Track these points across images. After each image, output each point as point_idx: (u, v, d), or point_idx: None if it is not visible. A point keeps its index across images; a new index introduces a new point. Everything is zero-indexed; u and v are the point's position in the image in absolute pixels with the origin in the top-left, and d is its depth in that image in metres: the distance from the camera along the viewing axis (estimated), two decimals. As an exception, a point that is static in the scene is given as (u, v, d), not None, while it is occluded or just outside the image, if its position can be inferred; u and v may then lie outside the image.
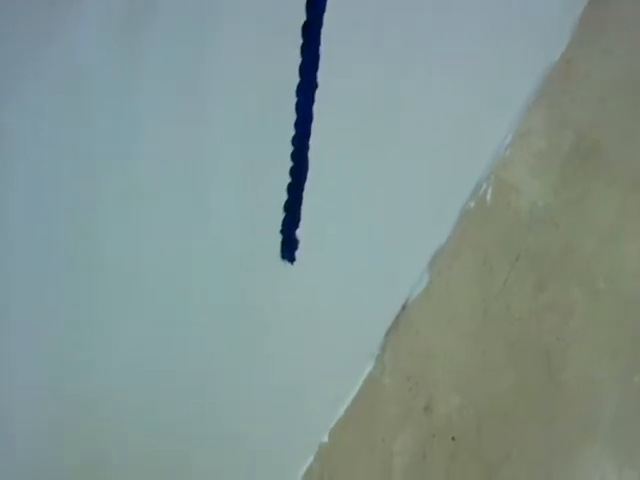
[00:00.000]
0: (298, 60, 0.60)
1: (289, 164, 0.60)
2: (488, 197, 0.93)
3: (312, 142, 0.61)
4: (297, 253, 0.59)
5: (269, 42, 0.64)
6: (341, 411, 0.73)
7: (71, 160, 0.60)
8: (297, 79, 0.60)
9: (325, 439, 0.74)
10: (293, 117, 0.61)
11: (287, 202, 0.58)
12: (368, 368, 0.75)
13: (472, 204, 0.92)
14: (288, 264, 0.58)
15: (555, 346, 0.82)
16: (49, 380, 0.65)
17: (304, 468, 0.71)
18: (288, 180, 0.59)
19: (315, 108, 0.60)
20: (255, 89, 0.64)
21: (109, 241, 0.62)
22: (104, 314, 0.67)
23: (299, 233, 0.58)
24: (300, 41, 0.60)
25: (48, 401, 0.65)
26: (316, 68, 0.61)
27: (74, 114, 0.57)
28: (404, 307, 0.81)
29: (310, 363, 0.72)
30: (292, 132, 0.61)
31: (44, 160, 0.59)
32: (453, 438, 0.75)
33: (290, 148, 0.61)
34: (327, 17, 0.60)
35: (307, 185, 0.62)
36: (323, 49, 0.60)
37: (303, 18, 0.60)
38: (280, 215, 0.59)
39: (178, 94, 0.63)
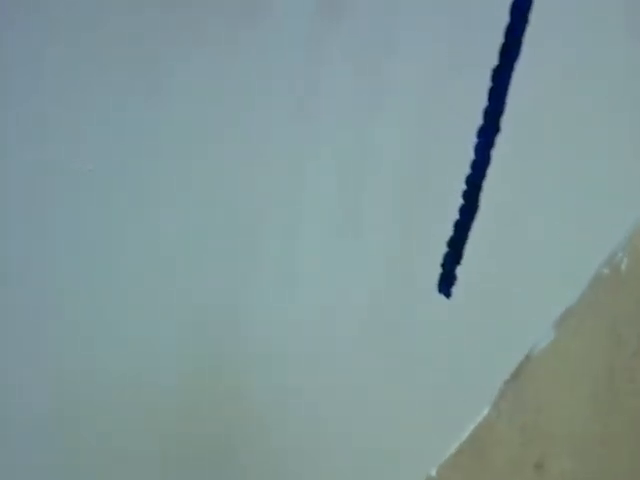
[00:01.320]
0: (484, 101, 0.61)
1: (459, 201, 0.61)
2: (623, 266, 0.92)
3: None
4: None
5: (456, 77, 0.65)
6: (452, 449, 0.73)
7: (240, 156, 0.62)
8: (479, 119, 0.61)
9: (433, 473, 0.74)
10: (470, 156, 0.62)
11: (452, 239, 0.59)
12: (484, 412, 0.75)
13: (606, 271, 0.91)
14: (443, 297, 0.59)
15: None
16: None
17: (410, 499, 0.71)
18: (456, 217, 0.60)
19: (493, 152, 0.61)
20: (434, 122, 0.65)
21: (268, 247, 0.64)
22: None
23: (458, 270, 0.59)
24: (488, 84, 0.61)
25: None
26: (501, 113, 0.61)
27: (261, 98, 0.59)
28: (527, 358, 0.81)
29: (430, 396, 0.72)
30: (467, 171, 0.62)
31: (204, 151, 0.61)
32: (561, 503, 0.73)
33: (462, 186, 0.62)
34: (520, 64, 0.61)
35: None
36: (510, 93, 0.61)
37: (495, 61, 0.61)
38: (441, 249, 0.59)
39: (354, 113, 0.65)
